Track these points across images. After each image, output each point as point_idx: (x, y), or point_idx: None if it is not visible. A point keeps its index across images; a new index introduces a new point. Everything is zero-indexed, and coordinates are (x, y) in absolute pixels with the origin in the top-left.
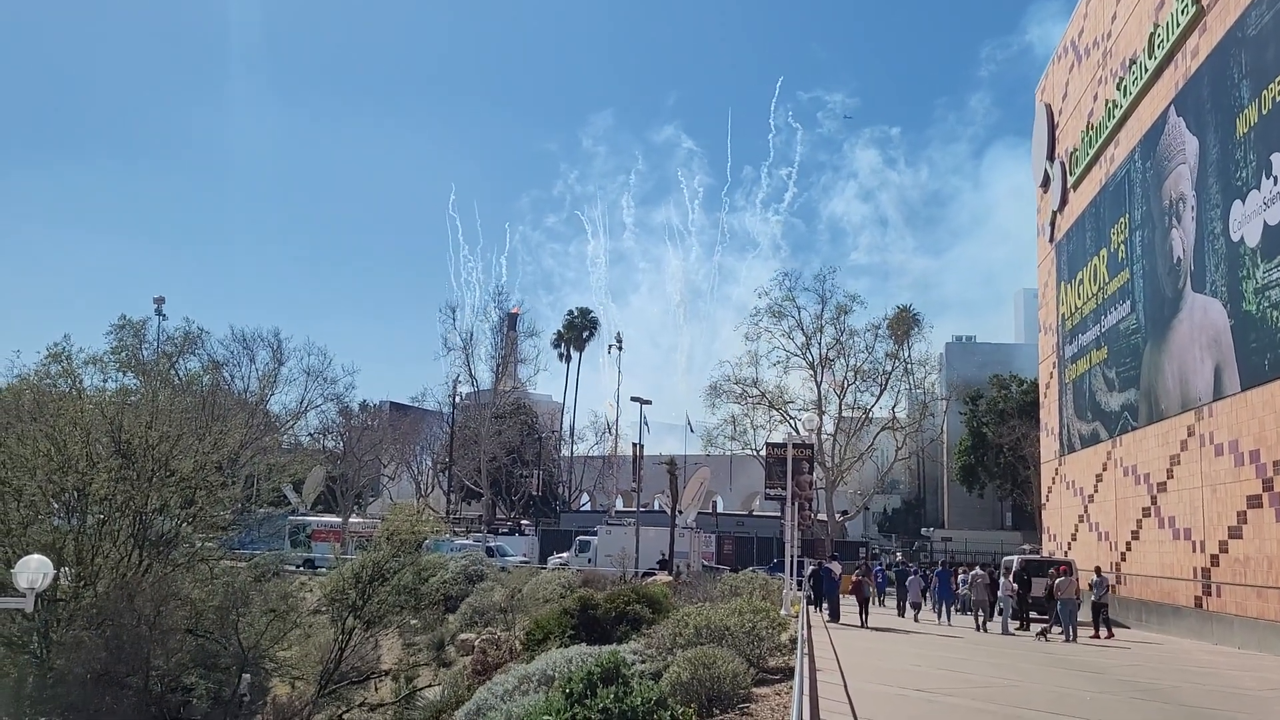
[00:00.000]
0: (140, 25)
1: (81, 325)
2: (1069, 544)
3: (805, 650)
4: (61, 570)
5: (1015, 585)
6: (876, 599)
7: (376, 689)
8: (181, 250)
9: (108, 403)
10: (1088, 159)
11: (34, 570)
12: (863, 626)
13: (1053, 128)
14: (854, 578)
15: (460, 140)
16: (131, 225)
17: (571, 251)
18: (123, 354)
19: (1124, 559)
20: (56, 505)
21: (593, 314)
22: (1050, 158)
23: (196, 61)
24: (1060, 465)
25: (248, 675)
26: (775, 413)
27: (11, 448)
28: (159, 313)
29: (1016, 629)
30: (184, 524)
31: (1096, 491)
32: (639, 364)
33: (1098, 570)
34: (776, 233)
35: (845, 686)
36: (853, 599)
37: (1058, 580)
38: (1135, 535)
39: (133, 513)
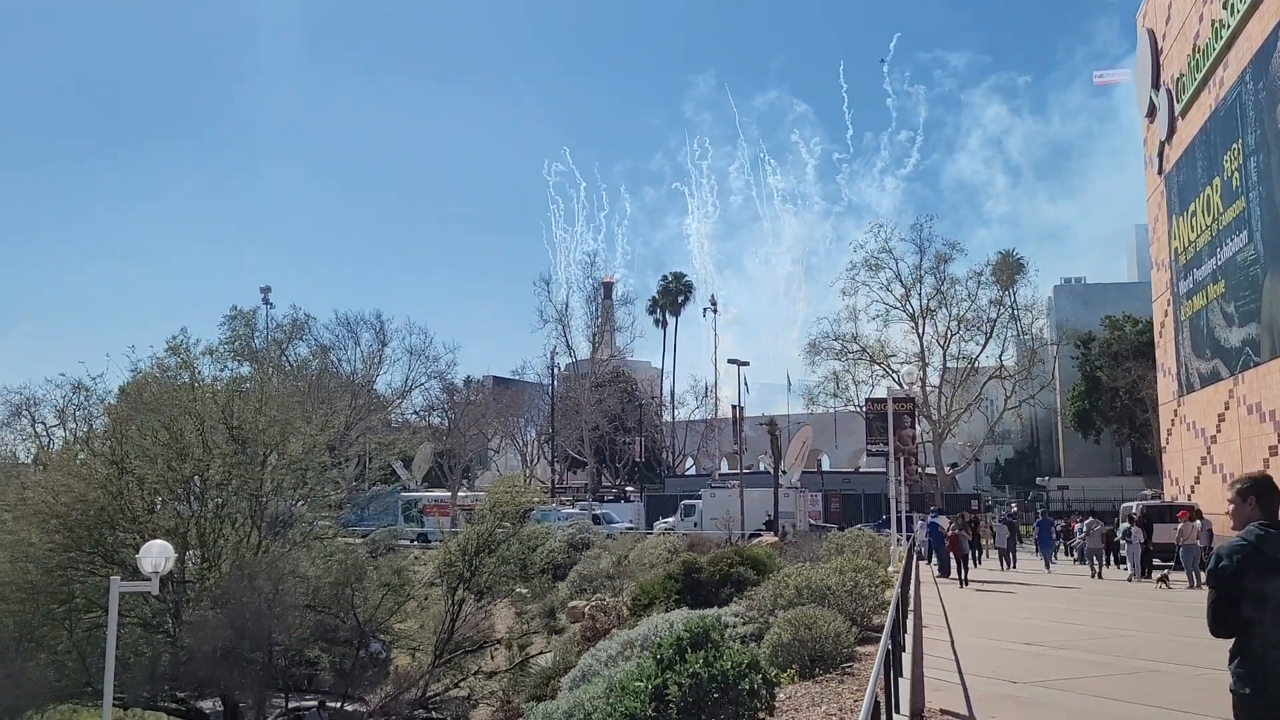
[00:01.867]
0: (226, 13)
1: (186, 317)
2: (1192, 488)
3: (906, 606)
4: (187, 554)
5: (1142, 532)
6: (1008, 556)
7: (492, 657)
8: (282, 238)
9: (220, 391)
10: (1195, 84)
11: (156, 555)
12: (962, 585)
13: (1156, 54)
14: (950, 532)
15: (555, 110)
16: (232, 215)
17: (670, 222)
18: (236, 343)
19: None
20: (179, 491)
21: (687, 278)
22: (1155, 86)
23: (285, 47)
24: (1179, 406)
25: (376, 645)
26: (877, 367)
27: (134, 438)
28: (266, 301)
29: (1134, 577)
30: (298, 504)
31: (1219, 432)
32: (749, 329)
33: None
34: (897, 196)
35: (952, 642)
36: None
37: (1180, 526)
38: None
39: (248, 496)
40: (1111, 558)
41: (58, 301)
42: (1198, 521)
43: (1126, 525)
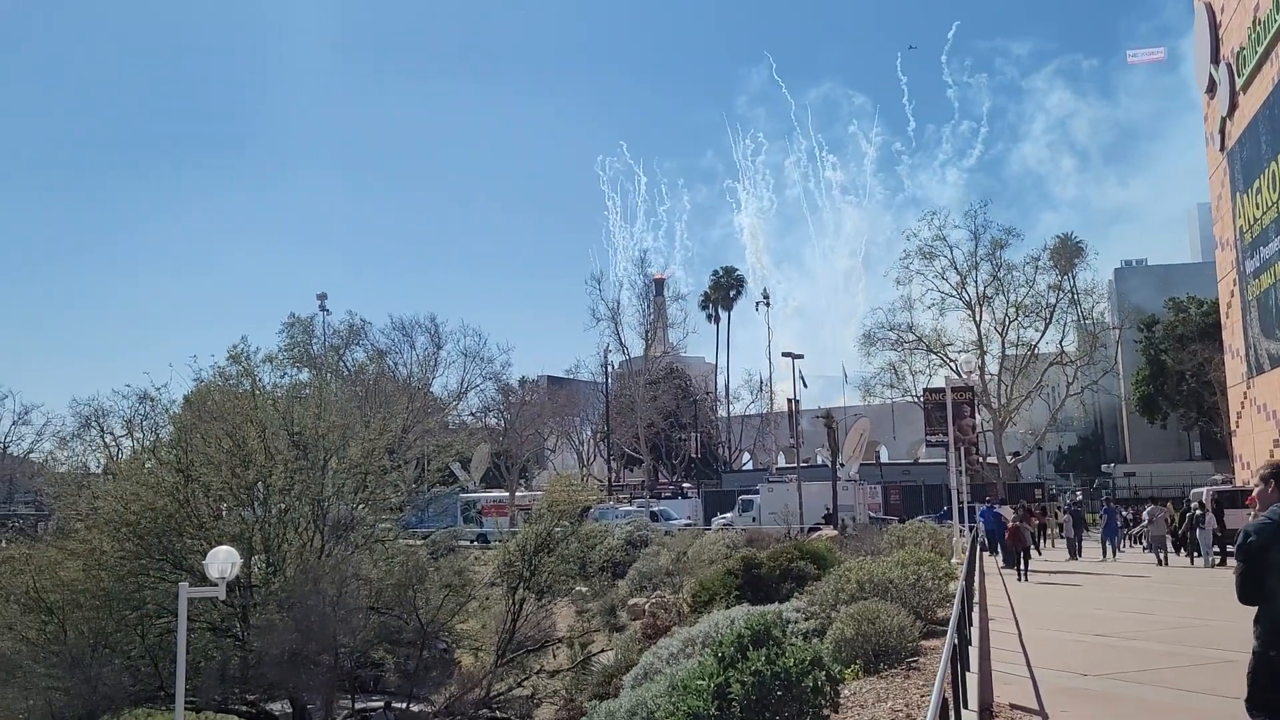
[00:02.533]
0: (274, 23)
1: (244, 326)
2: None
3: (971, 598)
4: (252, 559)
5: (1215, 518)
6: (1075, 546)
7: (554, 655)
8: (336, 245)
9: (280, 398)
10: (1257, 57)
11: (222, 560)
12: (1020, 579)
13: (1215, 28)
14: (1011, 524)
15: (604, 108)
16: (286, 224)
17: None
18: (295, 350)
19: None
20: (243, 497)
21: (739, 272)
22: (1214, 61)
23: (332, 54)
24: (1249, 388)
25: (440, 645)
26: (934, 356)
27: (198, 447)
28: (323, 308)
29: (1209, 563)
30: (359, 507)
31: None
32: (811, 323)
33: None
34: (960, 187)
35: (1019, 635)
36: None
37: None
38: None
39: (311, 500)
40: (1179, 544)
41: (120, 313)
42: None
43: (1198, 511)
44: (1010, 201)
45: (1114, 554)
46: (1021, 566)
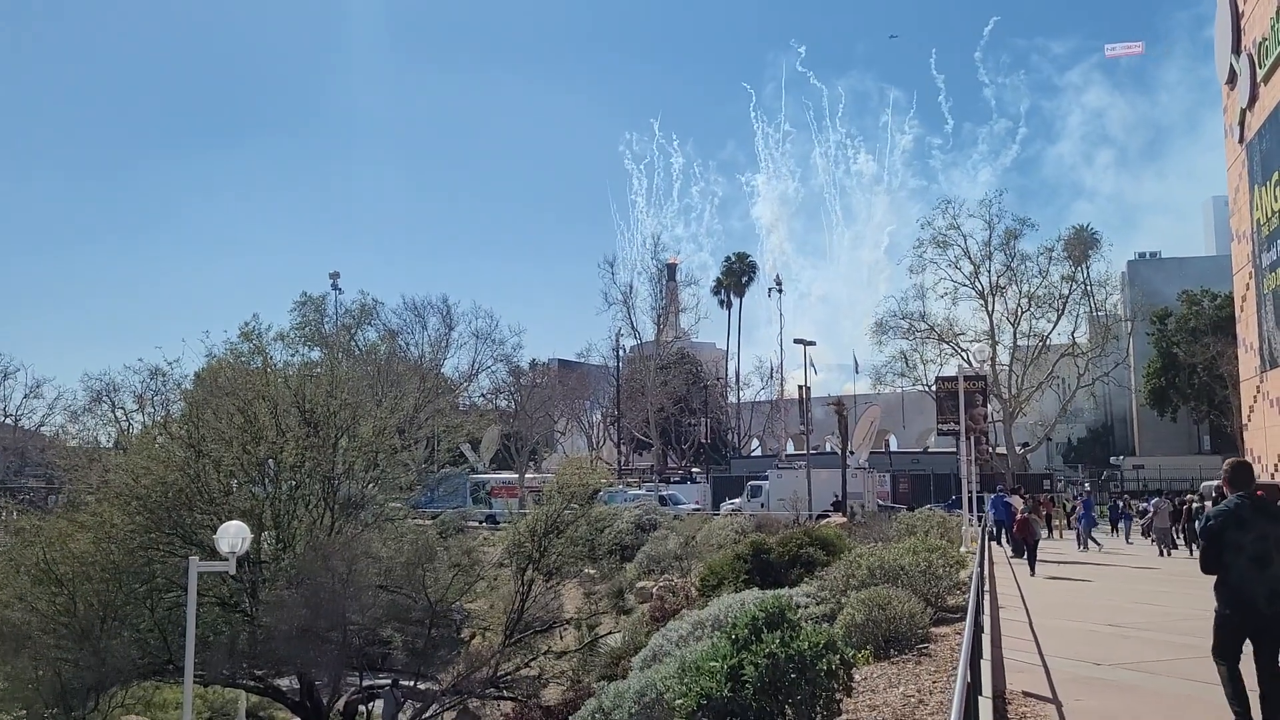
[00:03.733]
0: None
1: (264, 303)
2: (1276, 466)
3: (985, 586)
4: (263, 535)
5: None
6: (1082, 538)
7: (561, 637)
8: (349, 224)
9: (292, 376)
10: (1279, 48)
11: (233, 535)
12: (1031, 572)
13: (1237, 17)
14: (1020, 515)
15: (629, 94)
16: (299, 203)
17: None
18: (306, 329)
19: None
20: (254, 473)
21: (751, 258)
22: (1236, 51)
23: (362, 38)
24: (1262, 382)
25: (455, 621)
26: (945, 346)
27: (209, 422)
28: (335, 287)
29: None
30: (369, 486)
31: None
32: (835, 311)
33: None
34: (993, 183)
35: (1030, 623)
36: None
37: None
38: None
39: (321, 478)
40: (1183, 536)
41: (135, 291)
42: None
43: (1197, 504)
44: (1047, 198)
45: (1084, 544)
46: (1031, 561)
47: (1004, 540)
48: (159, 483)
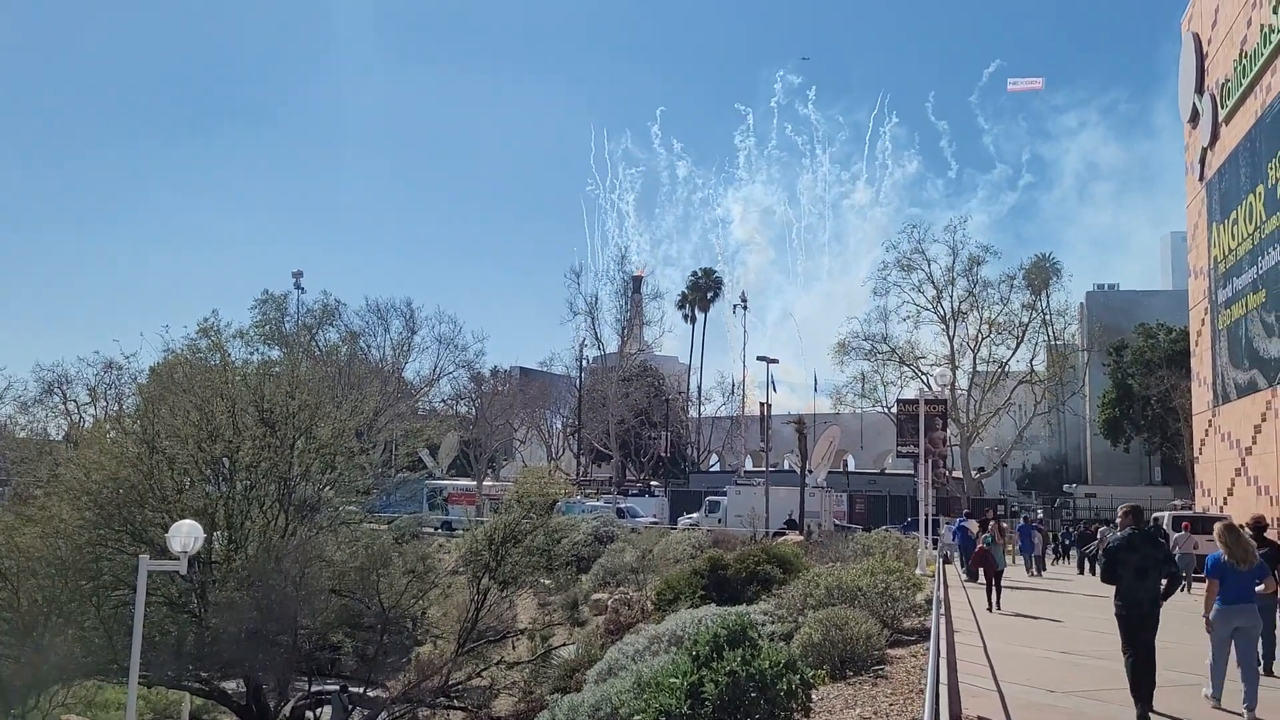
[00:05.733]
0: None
1: (219, 299)
2: (1225, 499)
3: (942, 610)
4: (215, 534)
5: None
6: (1035, 565)
7: (514, 647)
8: (314, 222)
9: (251, 374)
10: (1241, 89)
11: (185, 534)
12: (990, 609)
13: (1201, 58)
14: (980, 546)
15: (611, 101)
16: (264, 199)
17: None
18: (266, 327)
19: None
20: (208, 472)
21: (716, 274)
22: (1199, 91)
23: (320, 29)
24: (1214, 416)
25: (406, 630)
26: (906, 369)
27: (164, 418)
28: (298, 286)
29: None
30: (325, 488)
31: (1255, 443)
32: (809, 333)
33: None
34: (986, 223)
35: (985, 648)
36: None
37: (1175, 535)
38: None
39: (277, 479)
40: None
41: (94, 282)
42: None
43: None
44: (1034, 233)
45: (1037, 569)
46: (993, 596)
47: (960, 565)
48: (110, 478)
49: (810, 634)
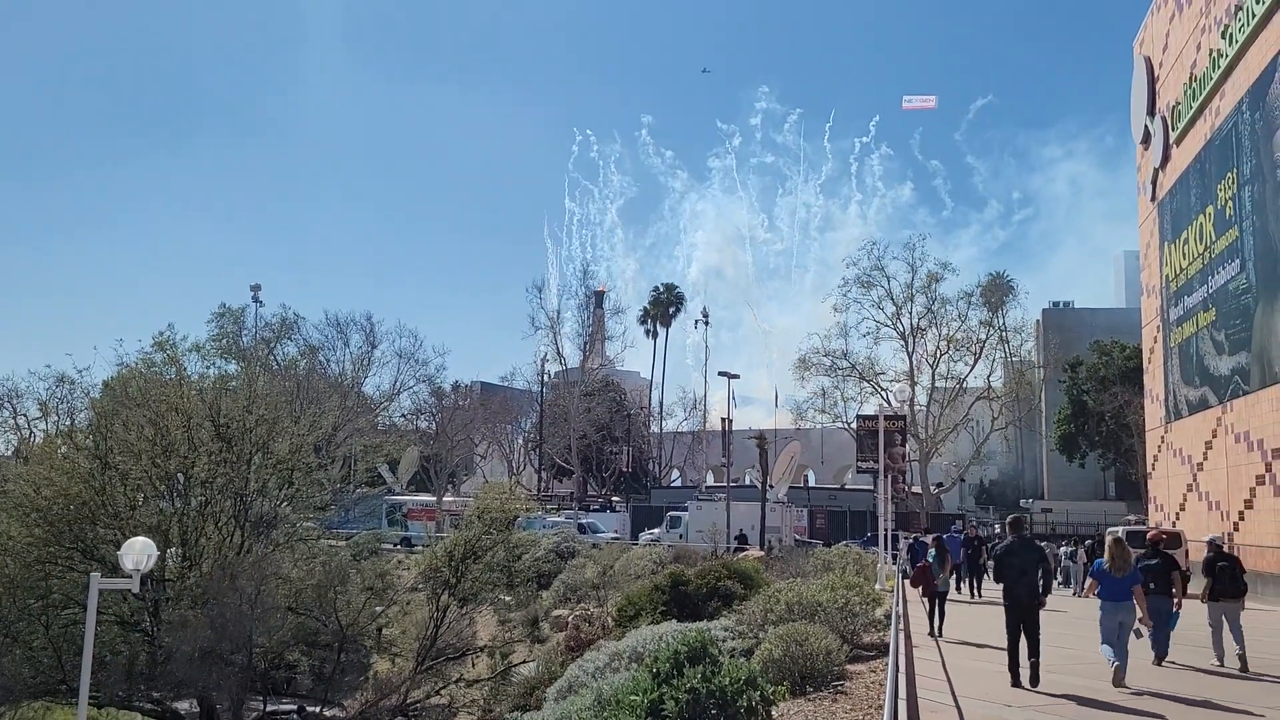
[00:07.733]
0: (228, 4)
1: (175, 311)
2: (1177, 514)
3: (901, 625)
4: (169, 551)
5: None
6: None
7: (473, 665)
8: (274, 234)
9: (207, 388)
10: (1191, 112)
11: (139, 552)
12: (932, 634)
13: (1152, 81)
14: (922, 563)
15: (581, 114)
16: (224, 209)
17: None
18: (223, 341)
19: (1237, 529)
20: (162, 488)
21: (678, 289)
22: (1150, 113)
23: (288, 40)
24: (1166, 433)
25: (368, 643)
26: (866, 384)
27: (117, 433)
28: (256, 299)
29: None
30: (283, 505)
31: (1206, 459)
32: (782, 351)
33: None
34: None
35: (943, 662)
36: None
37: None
38: (1249, 504)
39: (233, 495)
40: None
41: (51, 293)
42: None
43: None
44: (1013, 259)
45: (957, 588)
46: (935, 621)
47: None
48: (61, 494)
49: (771, 650)
